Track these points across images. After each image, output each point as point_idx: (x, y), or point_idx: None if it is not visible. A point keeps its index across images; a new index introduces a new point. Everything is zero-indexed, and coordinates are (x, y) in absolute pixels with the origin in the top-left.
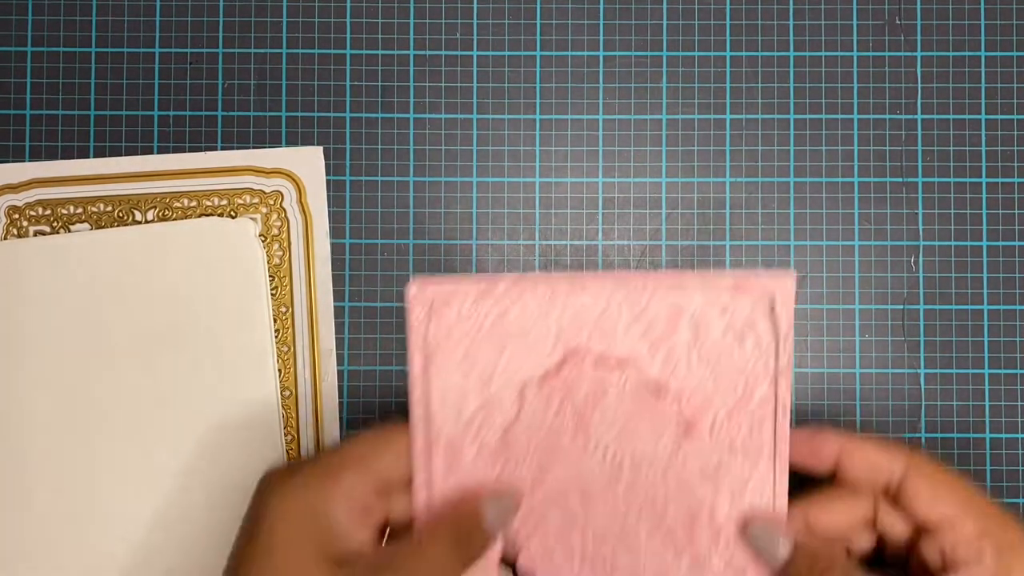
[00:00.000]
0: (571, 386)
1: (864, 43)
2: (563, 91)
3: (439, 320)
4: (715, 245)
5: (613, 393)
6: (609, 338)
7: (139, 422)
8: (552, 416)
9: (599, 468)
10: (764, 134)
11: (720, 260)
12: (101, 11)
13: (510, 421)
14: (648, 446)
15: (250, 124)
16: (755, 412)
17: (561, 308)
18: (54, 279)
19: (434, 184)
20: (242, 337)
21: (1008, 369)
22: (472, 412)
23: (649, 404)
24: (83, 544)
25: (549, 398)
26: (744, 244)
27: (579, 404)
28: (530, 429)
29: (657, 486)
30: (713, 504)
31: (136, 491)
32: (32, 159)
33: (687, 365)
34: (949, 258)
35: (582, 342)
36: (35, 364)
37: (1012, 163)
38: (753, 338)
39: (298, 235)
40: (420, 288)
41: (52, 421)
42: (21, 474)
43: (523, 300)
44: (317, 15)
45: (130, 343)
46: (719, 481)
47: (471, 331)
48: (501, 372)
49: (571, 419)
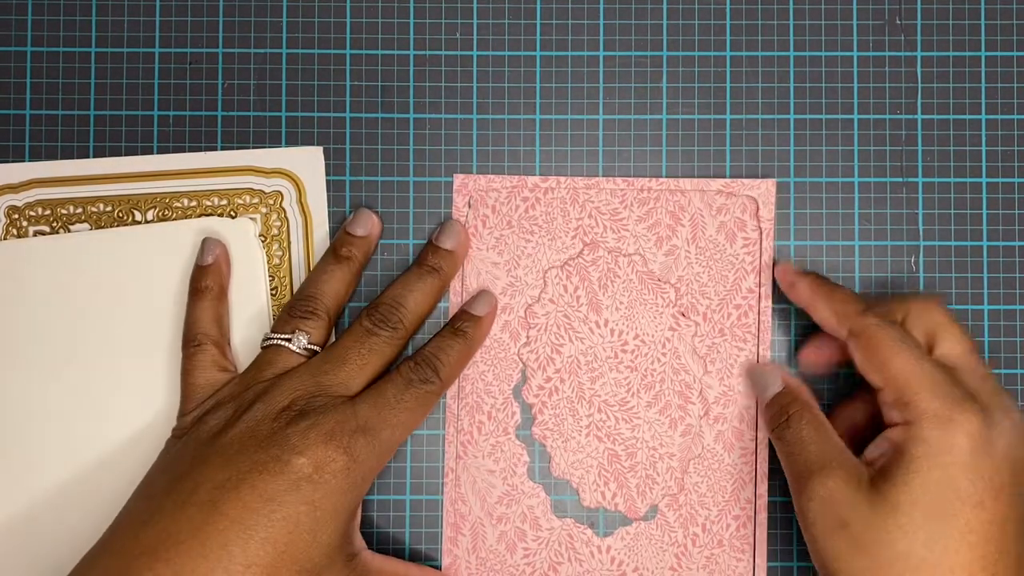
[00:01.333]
0: (586, 271)
1: (864, 43)
2: (563, 91)
3: (476, 210)
4: None
5: (622, 279)
6: (621, 232)
7: (140, 422)
8: (569, 297)
9: (606, 345)
10: (764, 134)
11: None
12: (101, 11)
13: (533, 300)
14: (649, 327)
15: (250, 124)
16: (742, 301)
17: (581, 205)
18: (54, 279)
19: (434, 184)
20: (242, 337)
21: (1008, 369)
22: (501, 288)
23: (652, 290)
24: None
25: (567, 281)
26: None
27: (592, 287)
28: (549, 307)
29: (655, 363)
30: (703, 382)
31: None
32: (32, 159)
33: (685, 258)
34: (949, 258)
35: (598, 234)
36: (35, 364)
37: (1012, 163)
38: (742, 236)
39: (298, 235)
40: (462, 182)
41: (52, 421)
42: (22, 473)
43: (548, 197)
44: (317, 15)
45: (130, 343)
46: (710, 362)
47: (503, 221)
48: (527, 257)
49: (585, 300)
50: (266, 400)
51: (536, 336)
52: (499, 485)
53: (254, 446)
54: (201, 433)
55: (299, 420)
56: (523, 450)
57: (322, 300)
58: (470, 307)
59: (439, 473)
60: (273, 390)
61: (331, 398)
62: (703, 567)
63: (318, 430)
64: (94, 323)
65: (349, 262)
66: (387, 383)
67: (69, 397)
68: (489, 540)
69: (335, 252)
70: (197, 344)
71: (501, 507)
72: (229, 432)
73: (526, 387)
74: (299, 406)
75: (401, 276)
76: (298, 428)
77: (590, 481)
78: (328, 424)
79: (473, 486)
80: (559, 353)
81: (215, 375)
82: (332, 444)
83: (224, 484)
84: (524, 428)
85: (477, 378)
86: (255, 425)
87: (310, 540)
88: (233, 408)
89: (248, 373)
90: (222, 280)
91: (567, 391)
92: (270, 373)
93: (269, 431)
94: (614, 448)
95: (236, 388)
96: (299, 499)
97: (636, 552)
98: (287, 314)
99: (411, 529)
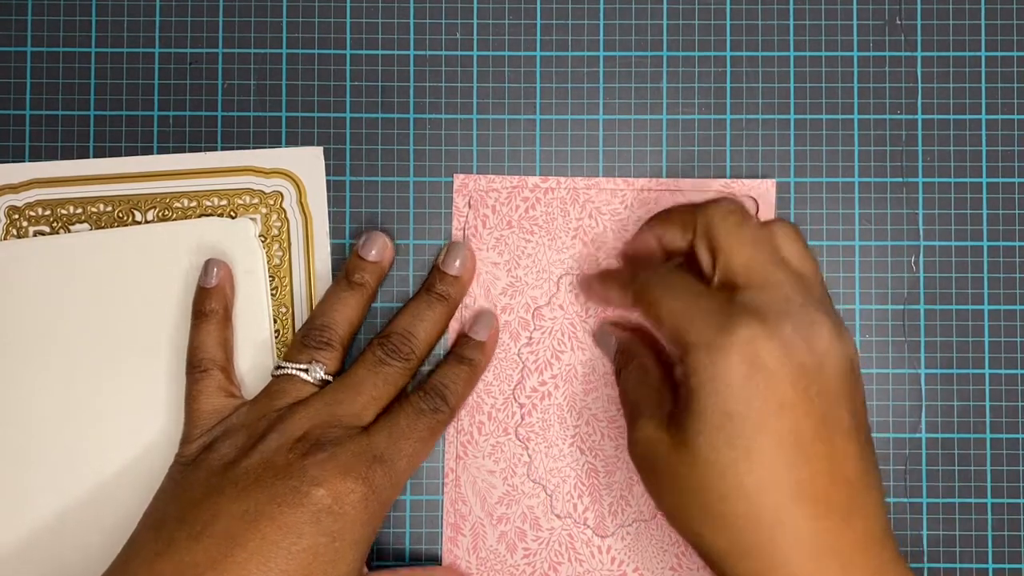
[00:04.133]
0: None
1: (864, 43)
2: (563, 91)
3: (476, 210)
4: None
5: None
6: (621, 232)
7: (139, 422)
8: (579, 307)
9: (607, 360)
10: (764, 134)
11: None
12: (101, 11)
13: (541, 303)
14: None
15: (250, 124)
16: None
17: (581, 205)
18: (54, 279)
19: (434, 184)
20: (242, 337)
21: (1008, 369)
22: (502, 288)
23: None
24: (83, 543)
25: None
26: None
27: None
28: (558, 312)
29: None
30: None
31: (137, 491)
32: (32, 159)
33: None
34: (949, 258)
35: (599, 234)
36: (35, 364)
37: (1012, 163)
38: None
39: (298, 235)
40: (462, 182)
41: (52, 421)
42: (21, 473)
43: (548, 197)
44: (317, 15)
45: (130, 343)
46: None
47: (503, 221)
48: (527, 257)
49: (594, 312)
50: (281, 430)
51: (540, 338)
52: (499, 485)
53: (271, 477)
54: (212, 461)
55: (316, 451)
56: (523, 450)
57: (336, 330)
58: (472, 332)
59: (439, 473)
60: (288, 420)
61: (345, 429)
62: (704, 567)
63: (336, 461)
64: (94, 323)
65: (362, 288)
66: (399, 414)
67: (68, 397)
68: (489, 540)
69: (348, 278)
70: (203, 369)
71: (501, 507)
72: (243, 462)
73: (519, 387)
74: (314, 437)
75: (410, 303)
76: (316, 459)
77: (564, 491)
78: (345, 455)
79: (473, 486)
80: (558, 359)
81: (221, 401)
82: (350, 476)
83: (242, 516)
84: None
85: None
86: (271, 456)
87: (329, 571)
88: (245, 436)
89: (260, 401)
90: (227, 302)
91: (559, 398)
92: (283, 402)
93: (285, 462)
94: (594, 463)
95: (248, 416)
96: (319, 531)
97: (636, 552)
98: (301, 343)
99: (411, 529)
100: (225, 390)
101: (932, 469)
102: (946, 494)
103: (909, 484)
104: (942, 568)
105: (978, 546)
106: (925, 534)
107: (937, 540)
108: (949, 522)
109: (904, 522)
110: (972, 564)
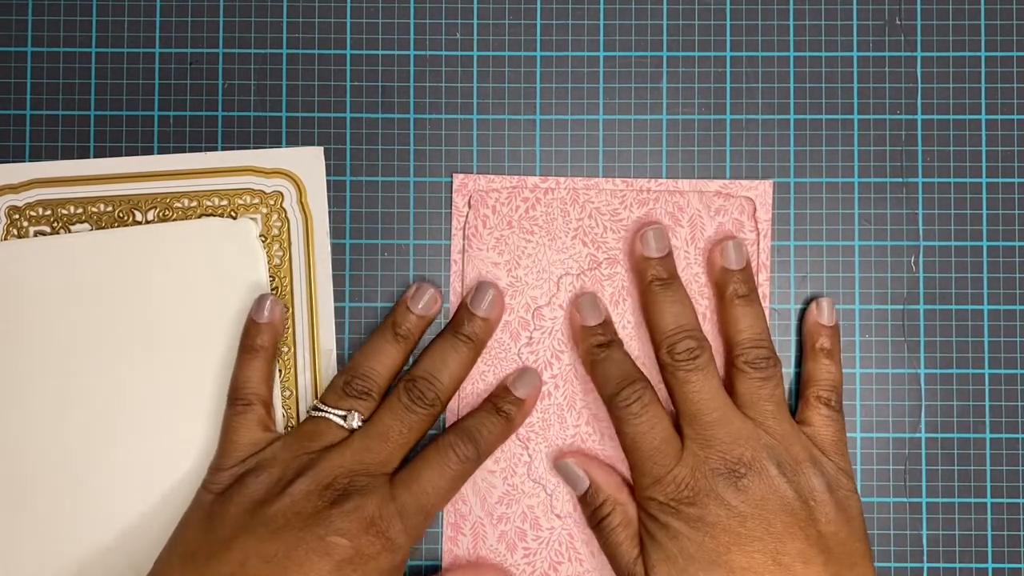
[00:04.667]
0: (601, 285)
1: (864, 43)
2: (563, 91)
3: (476, 210)
4: None
5: (634, 299)
6: (621, 232)
7: (139, 422)
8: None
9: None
10: (764, 134)
11: None
12: (101, 11)
13: (541, 304)
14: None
15: (250, 124)
16: None
17: (581, 206)
18: (54, 279)
19: (434, 184)
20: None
21: (1008, 369)
22: (502, 288)
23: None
24: (81, 541)
25: (580, 290)
26: None
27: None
28: (558, 312)
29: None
30: None
31: (135, 490)
32: (32, 159)
33: (684, 259)
34: (949, 258)
35: (599, 234)
36: (35, 364)
37: (1012, 163)
38: (740, 237)
39: (298, 235)
40: (462, 182)
41: (51, 420)
42: (21, 472)
43: (548, 198)
44: (317, 15)
45: (130, 343)
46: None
47: (503, 221)
48: (528, 257)
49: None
50: (311, 475)
51: (540, 338)
52: (499, 485)
53: (299, 523)
54: (242, 498)
55: (343, 501)
56: (523, 450)
57: (377, 381)
58: (514, 386)
59: None
60: (319, 465)
61: (372, 477)
62: None
63: (360, 514)
64: (94, 323)
65: (407, 341)
66: (428, 465)
67: (68, 396)
68: (489, 540)
69: (395, 329)
70: (247, 403)
71: (501, 507)
72: (274, 504)
73: None
74: (342, 484)
75: (436, 342)
76: (342, 510)
77: (565, 490)
78: (370, 508)
79: (473, 486)
80: (558, 359)
81: (259, 435)
82: (373, 529)
83: (271, 559)
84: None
85: (478, 378)
86: (300, 500)
87: None
88: (277, 475)
89: (294, 441)
90: (277, 339)
91: (559, 398)
92: (317, 445)
93: (314, 509)
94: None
95: (281, 453)
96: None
97: None
98: (342, 390)
99: None
100: (263, 424)
101: (932, 469)
102: (946, 494)
103: (909, 484)
104: (942, 568)
105: (978, 546)
106: (925, 534)
107: (937, 540)
108: (949, 522)
109: (904, 522)
110: (972, 564)
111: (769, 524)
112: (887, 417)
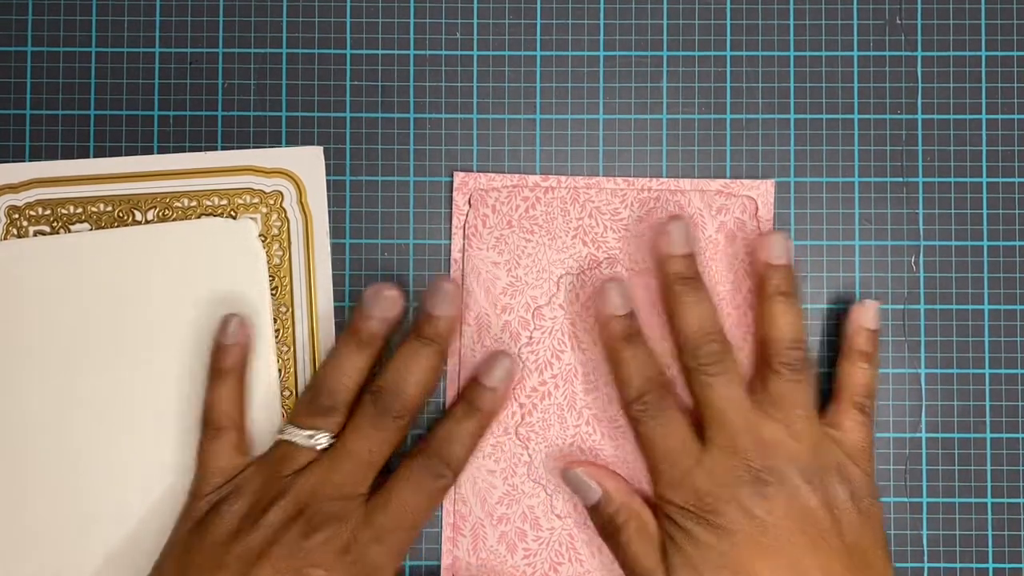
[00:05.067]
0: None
1: (864, 43)
2: (563, 91)
3: (476, 209)
4: None
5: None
6: (621, 232)
7: (138, 422)
8: (579, 307)
9: (604, 359)
10: (764, 134)
11: None
12: (101, 11)
13: (541, 303)
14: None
15: (250, 124)
16: (742, 302)
17: (581, 205)
18: (54, 279)
19: (434, 184)
20: None
21: (1008, 369)
22: (501, 288)
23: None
24: (80, 542)
25: (580, 291)
26: None
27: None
28: (558, 312)
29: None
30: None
31: (136, 490)
32: (32, 159)
33: None
34: (949, 258)
35: (599, 234)
36: (35, 364)
37: (1012, 163)
38: (741, 236)
39: (298, 235)
40: (462, 180)
41: (51, 420)
42: (19, 472)
43: (548, 197)
44: (317, 15)
45: (130, 343)
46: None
47: (503, 220)
48: (528, 256)
49: (593, 312)
50: (282, 504)
51: (540, 338)
52: (499, 485)
53: (274, 557)
54: (218, 528)
55: (317, 531)
56: (523, 450)
57: (342, 394)
58: (485, 376)
59: None
60: (290, 492)
61: (346, 500)
62: None
63: (335, 543)
64: (94, 323)
65: (371, 347)
66: (399, 487)
67: (67, 396)
68: (489, 540)
69: (356, 336)
70: (218, 427)
71: (501, 507)
72: (247, 537)
73: (519, 386)
74: (314, 511)
75: (399, 351)
76: (315, 541)
77: (565, 491)
78: (345, 535)
79: (473, 486)
80: (558, 359)
81: (233, 461)
82: (349, 557)
83: None
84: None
85: None
86: (273, 534)
87: None
88: (249, 503)
89: (267, 466)
90: (244, 359)
91: (559, 398)
92: (288, 469)
93: (287, 540)
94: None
95: (253, 480)
96: None
97: None
98: (306, 409)
99: None
100: (238, 449)
101: (932, 469)
102: (946, 494)
103: (909, 484)
104: (942, 568)
105: (978, 546)
106: (925, 534)
107: (937, 540)
108: (949, 522)
109: (904, 522)
110: (972, 564)
111: (792, 535)
112: (887, 417)
